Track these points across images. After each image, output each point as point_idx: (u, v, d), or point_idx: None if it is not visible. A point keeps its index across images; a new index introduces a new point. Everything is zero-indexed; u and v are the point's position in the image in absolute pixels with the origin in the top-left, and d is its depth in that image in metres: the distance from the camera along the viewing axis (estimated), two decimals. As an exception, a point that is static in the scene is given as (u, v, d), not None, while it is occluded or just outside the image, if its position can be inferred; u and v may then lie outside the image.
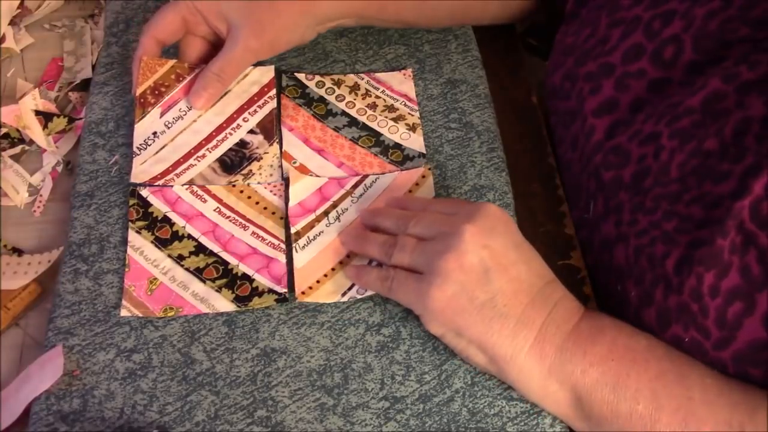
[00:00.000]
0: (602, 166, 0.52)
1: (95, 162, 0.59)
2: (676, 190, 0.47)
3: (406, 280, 0.49)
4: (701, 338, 0.45)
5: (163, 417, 0.48)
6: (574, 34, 0.58)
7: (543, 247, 0.58)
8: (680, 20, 0.50)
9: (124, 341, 0.51)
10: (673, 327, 0.46)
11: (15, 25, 0.69)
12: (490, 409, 0.49)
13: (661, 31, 0.51)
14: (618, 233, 0.51)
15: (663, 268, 0.47)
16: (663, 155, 0.49)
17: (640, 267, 0.49)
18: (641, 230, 0.49)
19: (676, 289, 0.46)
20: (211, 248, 0.55)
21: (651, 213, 0.48)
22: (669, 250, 0.46)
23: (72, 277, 0.53)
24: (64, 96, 0.65)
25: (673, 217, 0.47)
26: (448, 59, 0.66)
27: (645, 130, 0.50)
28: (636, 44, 0.52)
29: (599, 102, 0.54)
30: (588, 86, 0.55)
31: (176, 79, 0.61)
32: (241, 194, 0.57)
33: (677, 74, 0.50)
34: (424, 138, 0.61)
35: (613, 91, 0.53)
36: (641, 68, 0.52)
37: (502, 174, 0.59)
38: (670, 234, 0.47)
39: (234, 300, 0.53)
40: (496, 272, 0.47)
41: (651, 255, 0.48)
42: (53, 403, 0.48)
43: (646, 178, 0.49)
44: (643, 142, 0.50)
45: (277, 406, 0.49)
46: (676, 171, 0.48)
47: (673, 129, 0.48)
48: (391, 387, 0.50)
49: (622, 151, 0.51)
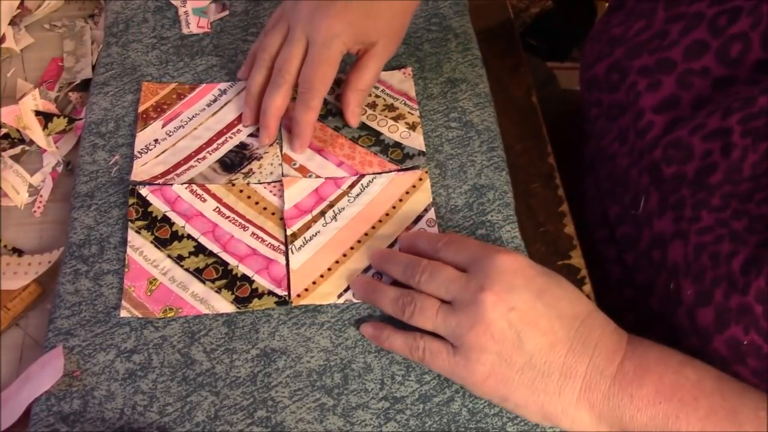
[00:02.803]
0: (663, 161, 0.51)
1: (95, 162, 0.59)
2: (747, 189, 0.46)
3: (440, 353, 0.48)
4: (762, 342, 0.44)
5: (163, 417, 0.48)
6: (621, 25, 0.57)
7: (543, 247, 0.58)
8: (747, 17, 0.49)
9: (124, 342, 0.51)
10: (732, 328, 0.45)
11: (15, 25, 0.69)
12: (490, 409, 0.49)
13: (727, 28, 0.50)
14: (676, 229, 0.50)
15: (728, 267, 0.45)
16: (734, 153, 0.47)
17: (700, 265, 0.47)
18: (705, 227, 0.48)
19: (740, 289, 0.44)
20: (211, 248, 0.55)
21: (718, 211, 0.47)
22: (736, 249, 0.45)
23: (72, 278, 0.53)
24: (64, 96, 0.65)
25: (743, 216, 0.46)
26: (448, 58, 0.66)
27: (709, 125, 0.49)
28: (699, 41, 0.51)
29: (660, 99, 0.53)
30: (644, 81, 0.53)
31: (177, 97, 0.62)
32: (240, 194, 0.57)
33: (743, 73, 0.49)
34: (424, 137, 0.61)
35: (675, 88, 0.52)
36: (705, 66, 0.51)
37: (502, 173, 0.59)
38: (738, 233, 0.46)
39: (234, 301, 0.53)
40: (527, 332, 0.45)
41: (715, 253, 0.46)
42: (53, 404, 0.48)
43: (713, 174, 0.48)
44: (708, 137, 0.49)
45: (277, 407, 0.49)
46: (748, 170, 0.47)
47: (746, 127, 0.47)
48: (391, 387, 0.50)
49: (684, 145, 0.50)
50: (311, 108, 0.57)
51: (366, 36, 0.57)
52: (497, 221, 0.57)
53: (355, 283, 0.53)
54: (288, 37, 0.58)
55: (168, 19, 0.68)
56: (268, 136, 0.59)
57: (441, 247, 0.51)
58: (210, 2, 0.69)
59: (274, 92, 0.57)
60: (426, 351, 0.48)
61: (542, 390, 0.45)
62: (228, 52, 0.66)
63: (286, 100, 0.58)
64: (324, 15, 0.56)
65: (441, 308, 0.48)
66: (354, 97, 0.59)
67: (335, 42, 0.56)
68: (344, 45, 0.56)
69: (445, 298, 0.48)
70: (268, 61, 0.59)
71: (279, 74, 0.57)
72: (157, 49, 0.66)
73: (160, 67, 0.65)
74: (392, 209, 0.57)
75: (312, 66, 0.56)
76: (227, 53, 0.66)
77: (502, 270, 0.47)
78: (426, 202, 0.57)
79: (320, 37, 0.56)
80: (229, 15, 0.69)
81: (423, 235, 0.54)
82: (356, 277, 0.54)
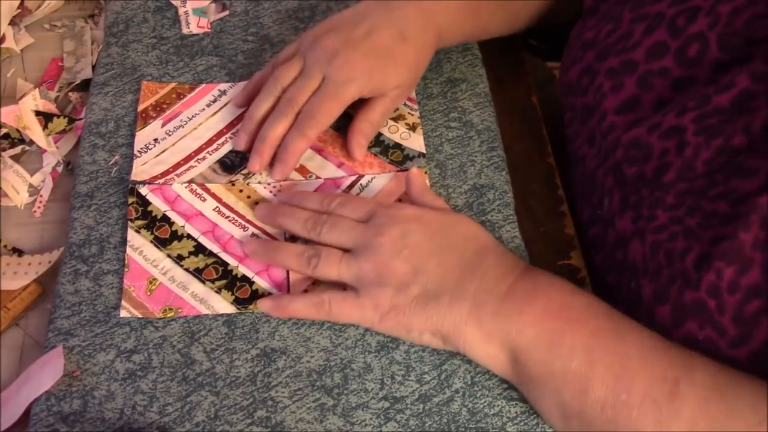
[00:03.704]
0: (624, 161, 0.52)
1: (95, 162, 0.59)
2: (701, 186, 0.47)
3: (345, 299, 0.50)
4: (717, 336, 0.44)
5: (163, 417, 0.48)
6: (593, 29, 0.57)
7: (543, 247, 0.58)
8: (705, 17, 0.49)
9: (124, 342, 0.51)
10: (688, 324, 0.45)
11: (15, 25, 0.69)
12: (490, 409, 0.49)
13: (685, 29, 0.50)
14: (635, 229, 0.50)
15: (682, 264, 0.46)
16: (687, 151, 0.48)
17: (656, 263, 0.48)
18: (660, 225, 0.48)
19: (693, 285, 0.45)
20: (211, 248, 0.55)
21: (673, 209, 0.48)
22: (690, 246, 0.46)
23: (72, 278, 0.53)
24: (64, 96, 0.65)
25: (696, 212, 0.46)
26: (448, 58, 0.66)
27: (665, 123, 0.50)
28: (660, 41, 0.51)
29: (621, 100, 0.53)
30: (609, 83, 0.54)
31: (177, 97, 0.62)
32: (240, 194, 0.57)
33: (702, 73, 0.49)
34: (424, 137, 0.61)
35: (636, 89, 0.53)
36: (665, 66, 0.51)
37: (502, 173, 0.59)
38: (692, 230, 0.46)
39: (234, 302, 0.53)
40: (421, 265, 0.49)
41: (670, 251, 0.47)
42: (53, 404, 0.48)
43: (667, 172, 0.49)
44: (664, 135, 0.49)
45: (277, 407, 0.49)
46: (702, 167, 0.47)
47: (700, 126, 0.48)
48: (391, 387, 0.50)
49: (643, 144, 0.51)
50: (305, 136, 0.56)
51: (382, 85, 0.57)
52: (497, 221, 0.57)
53: (251, 244, 0.54)
54: (303, 72, 0.57)
55: (168, 19, 0.68)
56: (260, 163, 0.58)
57: (335, 207, 0.54)
58: (210, 2, 0.69)
59: (277, 120, 0.57)
60: (332, 302, 0.50)
61: (435, 312, 0.48)
62: (228, 52, 0.66)
63: (286, 130, 0.57)
64: (345, 59, 0.56)
65: (344, 256, 0.51)
66: (362, 128, 0.59)
67: (351, 85, 0.56)
68: (359, 90, 0.57)
69: (346, 246, 0.51)
70: (278, 92, 0.58)
71: (288, 104, 0.57)
72: (157, 49, 0.66)
73: (160, 67, 0.65)
74: (392, 209, 0.57)
75: (321, 98, 0.56)
76: (227, 53, 0.66)
77: (398, 218, 0.51)
78: None
79: (338, 77, 0.56)
80: (229, 15, 0.69)
81: (309, 195, 0.56)
82: (248, 241, 0.55)
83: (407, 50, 0.58)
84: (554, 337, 0.45)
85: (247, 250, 0.54)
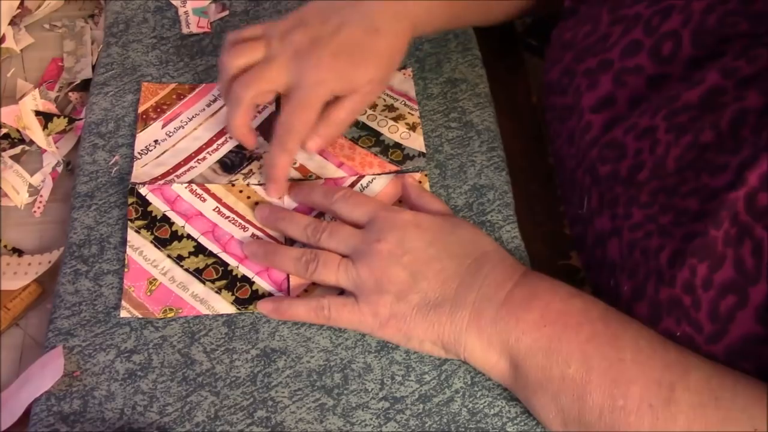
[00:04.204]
0: (598, 160, 0.52)
1: (95, 163, 0.59)
2: (672, 184, 0.47)
3: (344, 305, 0.50)
4: (693, 332, 0.45)
5: (163, 418, 0.48)
6: (572, 30, 0.57)
7: (543, 247, 0.58)
8: (678, 15, 0.50)
9: (124, 342, 0.51)
10: (665, 321, 0.46)
11: (15, 25, 0.69)
12: (490, 409, 0.49)
13: (659, 27, 0.51)
14: (612, 227, 0.51)
15: (657, 262, 0.46)
16: (659, 149, 0.48)
17: (633, 261, 0.48)
18: (635, 224, 0.49)
19: (668, 282, 0.45)
20: (211, 249, 0.55)
21: (647, 207, 0.48)
22: (664, 244, 0.46)
23: (72, 278, 0.53)
24: (64, 96, 0.65)
25: (669, 210, 0.47)
26: (448, 58, 0.66)
27: (641, 124, 0.50)
28: (634, 40, 0.52)
29: (597, 98, 0.53)
30: (586, 82, 0.54)
31: (177, 98, 0.62)
32: (240, 194, 0.57)
33: (676, 70, 0.50)
34: (424, 137, 0.61)
35: (611, 86, 0.53)
36: (639, 64, 0.51)
37: (502, 173, 0.59)
38: (665, 227, 0.47)
39: (234, 302, 0.53)
40: (420, 272, 0.49)
41: (645, 248, 0.48)
42: (53, 404, 0.48)
43: (641, 171, 0.49)
44: (640, 136, 0.50)
45: (277, 407, 0.49)
46: (672, 164, 0.48)
47: (671, 123, 0.48)
48: (391, 387, 0.50)
49: (618, 144, 0.51)
50: (287, 151, 0.55)
51: (352, 84, 0.55)
52: (497, 221, 0.57)
53: (250, 246, 0.54)
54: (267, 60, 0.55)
55: (168, 19, 0.68)
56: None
57: (337, 200, 0.54)
58: (210, 2, 0.69)
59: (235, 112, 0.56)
60: (331, 308, 0.50)
61: (436, 321, 0.48)
62: (228, 52, 0.66)
63: None
64: (314, 61, 0.54)
65: (342, 261, 0.51)
66: (324, 127, 0.56)
67: (321, 88, 0.54)
68: (329, 92, 0.55)
69: (344, 252, 0.51)
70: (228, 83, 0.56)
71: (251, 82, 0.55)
72: (157, 49, 0.66)
73: (160, 67, 0.65)
74: (392, 209, 0.57)
75: (293, 107, 0.54)
76: (227, 53, 0.66)
77: (396, 224, 0.51)
78: None
79: (307, 80, 0.54)
80: (229, 15, 0.69)
81: (317, 187, 0.56)
82: (248, 242, 0.55)
83: (379, 44, 0.56)
84: (552, 343, 0.45)
85: (247, 251, 0.54)
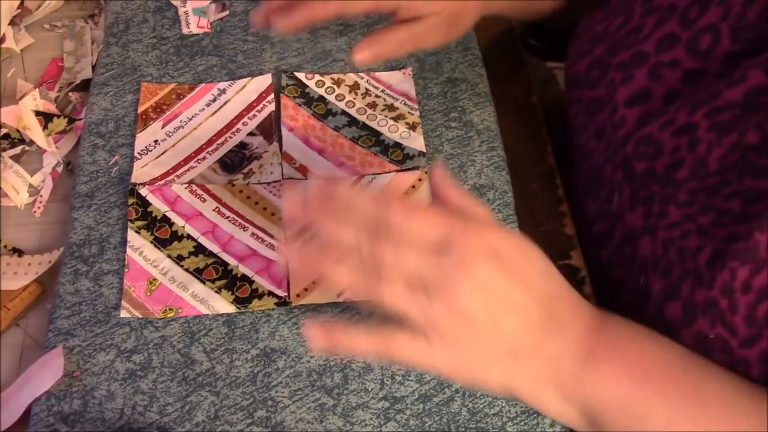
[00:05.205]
0: (634, 156, 0.51)
1: (95, 163, 0.59)
2: (713, 184, 0.46)
3: (413, 343, 0.42)
4: (728, 335, 0.44)
5: (163, 418, 0.48)
6: (603, 22, 0.57)
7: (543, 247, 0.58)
8: (717, 7, 0.49)
9: (124, 342, 0.51)
10: (699, 322, 0.45)
11: (15, 25, 0.69)
12: (490, 409, 0.49)
13: (697, 20, 0.50)
14: (645, 225, 0.50)
15: (694, 262, 0.45)
16: (700, 148, 0.47)
17: (668, 259, 0.47)
18: (672, 222, 0.48)
19: (706, 283, 0.44)
20: (211, 249, 0.55)
21: (685, 206, 0.47)
22: (703, 244, 0.45)
23: (72, 278, 0.53)
24: (64, 96, 0.65)
25: (709, 210, 0.46)
26: (448, 58, 0.66)
27: (678, 120, 0.49)
28: (670, 33, 0.51)
29: (631, 92, 0.52)
30: (620, 75, 0.53)
31: (177, 98, 0.62)
32: (240, 194, 0.57)
33: (713, 65, 0.49)
34: (424, 137, 0.61)
35: (646, 80, 0.52)
36: (675, 58, 0.50)
37: (502, 173, 0.59)
38: (704, 228, 0.46)
39: (234, 301, 0.53)
40: (501, 314, 0.42)
41: (682, 248, 0.47)
42: (54, 404, 0.48)
43: (680, 169, 0.48)
44: (677, 133, 0.49)
45: (277, 407, 0.49)
46: (714, 164, 0.46)
47: (712, 122, 0.47)
48: (391, 387, 0.50)
49: (654, 140, 0.50)
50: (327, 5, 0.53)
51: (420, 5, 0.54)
52: (497, 221, 0.57)
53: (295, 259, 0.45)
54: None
55: (168, 19, 0.68)
56: None
57: (396, 211, 0.42)
58: (210, 2, 0.69)
59: None
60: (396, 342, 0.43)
61: (511, 371, 0.43)
62: (228, 52, 0.66)
63: None
64: None
65: (414, 288, 0.41)
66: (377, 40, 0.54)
67: None
68: None
69: (413, 273, 0.42)
70: None
71: None
72: (157, 49, 0.66)
73: (160, 67, 0.65)
74: (392, 209, 0.57)
75: None
76: (227, 53, 0.66)
77: (477, 251, 0.42)
78: (426, 203, 0.57)
79: None
80: (229, 15, 0.69)
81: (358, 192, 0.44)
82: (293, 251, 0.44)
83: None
84: (634, 402, 0.43)
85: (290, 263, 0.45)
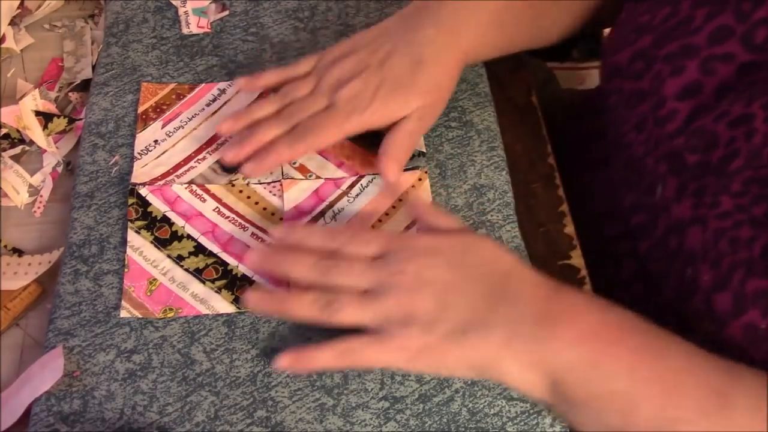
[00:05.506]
0: (685, 149, 0.51)
1: (95, 163, 0.59)
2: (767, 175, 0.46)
3: (369, 345, 0.47)
4: None
5: (163, 418, 0.48)
6: (647, 13, 0.56)
7: (543, 247, 0.58)
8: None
9: (124, 342, 0.51)
10: (750, 313, 0.45)
11: (15, 25, 0.69)
12: (490, 408, 0.49)
13: (752, 13, 0.49)
14: (694, 216, 0.50)
15: (748, 252, 0.45)
16: (756, 138, 0.47)
17: (718, 250, 0.47)
18: (724, 212, 0.48)
19: (760, 273, 0.44)
20: (211, 249, 0.55)
21: (738, 196, 0.47)
22: (756, 235, 0.45)
23: (72, 278, 0.53)
24: (64, 96, 0.65)
25: (762, 201, 0.46)
26: (448, 58, 0.66)
27: (734, 112, 0.49)
28: (723, 26, 0.50)
29: (682, 85, 0.52)
30: (668, 68, 0.53)
31: (177, 98, 0.62)
32: (240, 194, 0.57)
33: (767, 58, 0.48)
34: (424, 137, 0.61)
35: (698, 74, 0.51)
36: (729, 51, 0.50)
37: (502, 173, 0.59)
38: (758, 218, 0.46)
39: (234, 301, 0.53)
40: (447, 299, 0.47)
41: (734, 238, 0.46)
42: (53, 404, 0.48)
43: (734, 160, 0.48)
44: (733, 124, 0.49)
45: (277, 407, 0.49)
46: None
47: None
48: (391, 387, 0.50)
49: (708, 132, 0.50)
50: (294, 149, 0.55)
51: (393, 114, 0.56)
52: (497, 221, 0.57)
53: (251, 298, 0.50)
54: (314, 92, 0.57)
55: (168, 19, 0.68)
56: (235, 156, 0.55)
57: (344, 243, 0.50)
58: (210, 2, 0.69)
59: (272, 126, 0.56)
60: (355, 350, 0.47)
61: (468, 347, 0.46)
62: (228, 52, 0.66)
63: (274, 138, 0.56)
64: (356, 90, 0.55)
65: (363, 299, 0.47)
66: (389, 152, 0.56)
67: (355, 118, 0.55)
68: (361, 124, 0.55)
69: (363, 287, 0.48)
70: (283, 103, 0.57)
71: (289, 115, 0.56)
72: (157, 49, 0.66)
73: (160, 67, 0.65)
74: (392, 209, 0.57)
75: (323, 120, 0.55)
76: (227, 53, 0.66)
77: (414, 252, 0.49)
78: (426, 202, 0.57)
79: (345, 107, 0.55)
80: (229, 15, 0.69)
81: (315, 231, 0.52)
82: (248, 291, 0.50)
83: (424, 75, 0.56)
84: (595, 358, 0.44)
85: (251, 302, 0.50)
